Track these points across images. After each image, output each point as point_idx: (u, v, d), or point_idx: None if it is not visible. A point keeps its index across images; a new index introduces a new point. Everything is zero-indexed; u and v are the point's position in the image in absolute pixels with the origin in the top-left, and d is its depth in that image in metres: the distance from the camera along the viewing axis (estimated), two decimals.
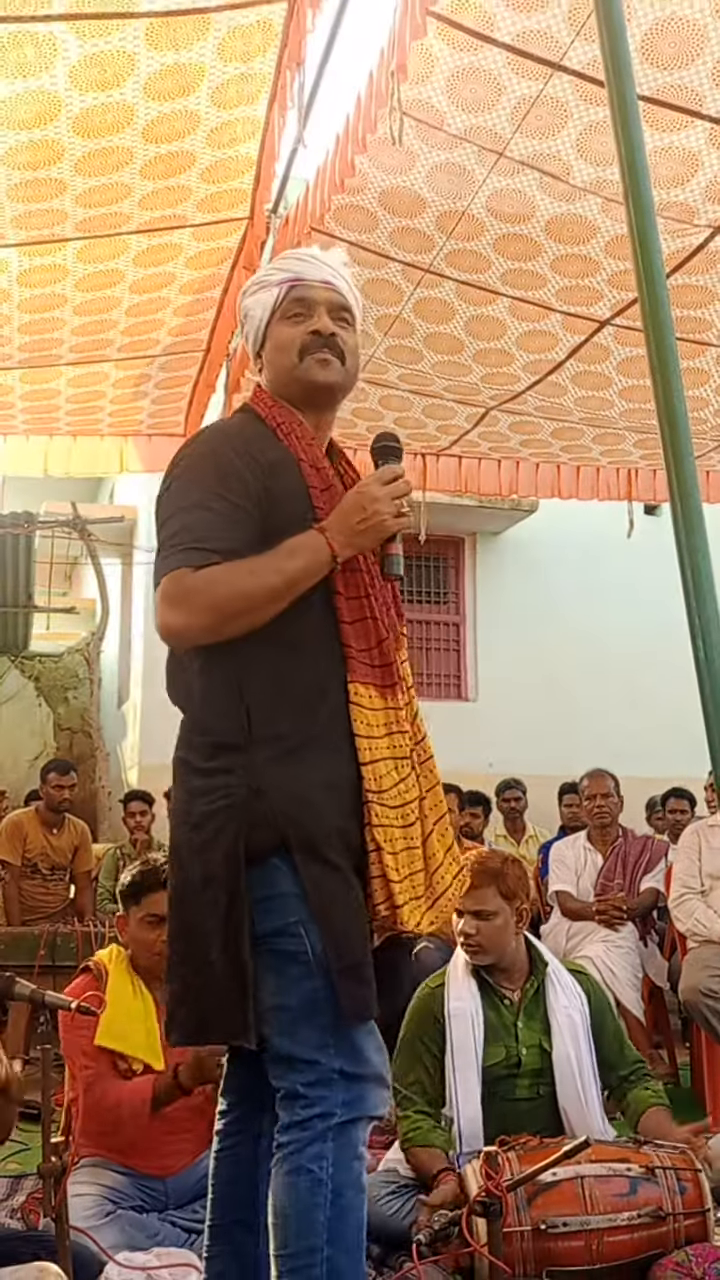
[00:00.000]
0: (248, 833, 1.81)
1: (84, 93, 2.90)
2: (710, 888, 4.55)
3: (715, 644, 1.74)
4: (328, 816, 1.83)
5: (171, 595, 1.82)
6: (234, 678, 1.88)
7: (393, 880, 1.83)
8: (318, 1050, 1.79)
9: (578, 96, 2.94)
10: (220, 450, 1.95)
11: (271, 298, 2.05)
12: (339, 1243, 1.75)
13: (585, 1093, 2.99)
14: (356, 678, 1.89)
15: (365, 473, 2.05)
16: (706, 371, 4.33)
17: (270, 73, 2.99)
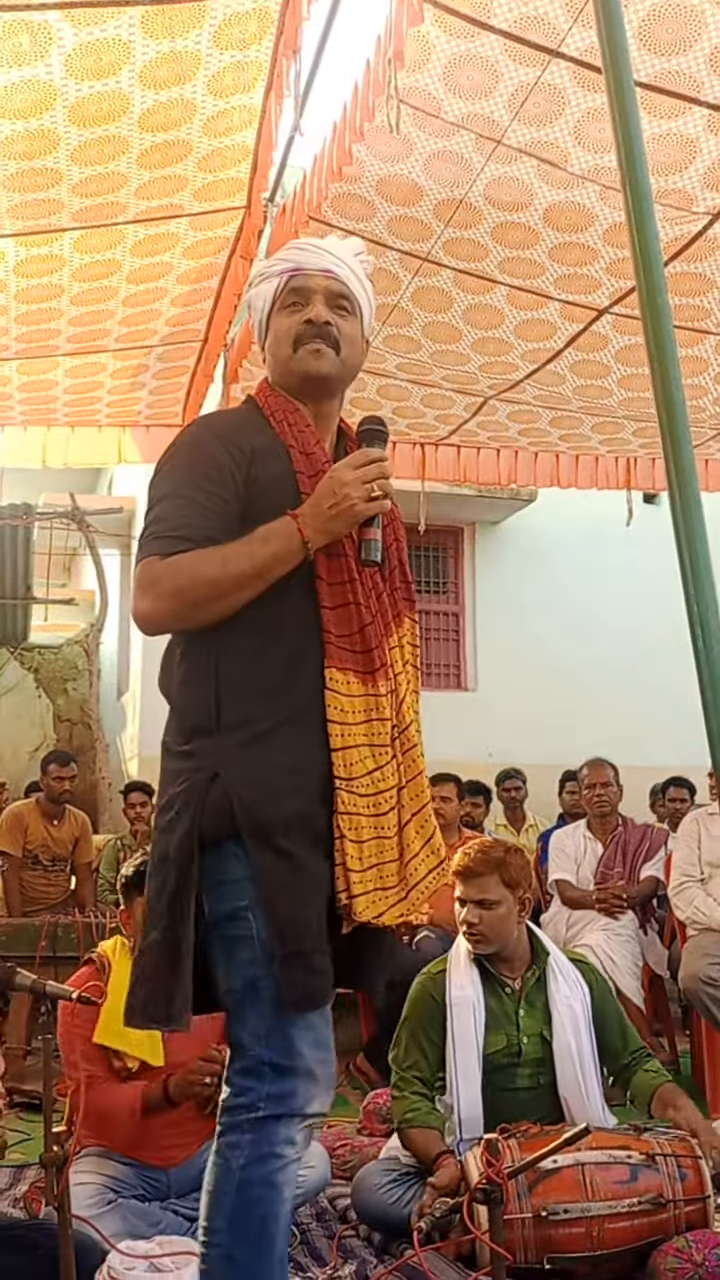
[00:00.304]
0: (203, 817, 1.81)
1: (79, 81, 2.88)
2: (710, 876, 4.56)
3: (714, 632, 1.73)
4: (286, 802, 1.81)
5: (140, 582, 1.84)
6: (209, 663, 1.88)
7: (352, 869, 1.80)
8: (253, 1039, 1.79)
9: (575, 83, 2.92)
10: (200, 439, 1.96)
11: (272, 288, 2.05)
12: (239, 1234, 1.74)
13: (585, 1083, 3.00)
14: (333, 663, 1.87)
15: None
16: (705, 359, 4.32)
17: (266, 61, 2.97)
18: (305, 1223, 3.11)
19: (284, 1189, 1.77)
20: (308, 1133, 1.83)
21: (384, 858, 1.86)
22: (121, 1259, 2.54)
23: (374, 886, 1.83)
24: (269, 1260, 1.74)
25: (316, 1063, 1.79)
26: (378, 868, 1.85)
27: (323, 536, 1.87)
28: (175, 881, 1.81)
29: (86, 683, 10.30)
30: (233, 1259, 1.75)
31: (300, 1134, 1.80)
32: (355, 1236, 3.01)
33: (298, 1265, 2.81)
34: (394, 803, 1.90)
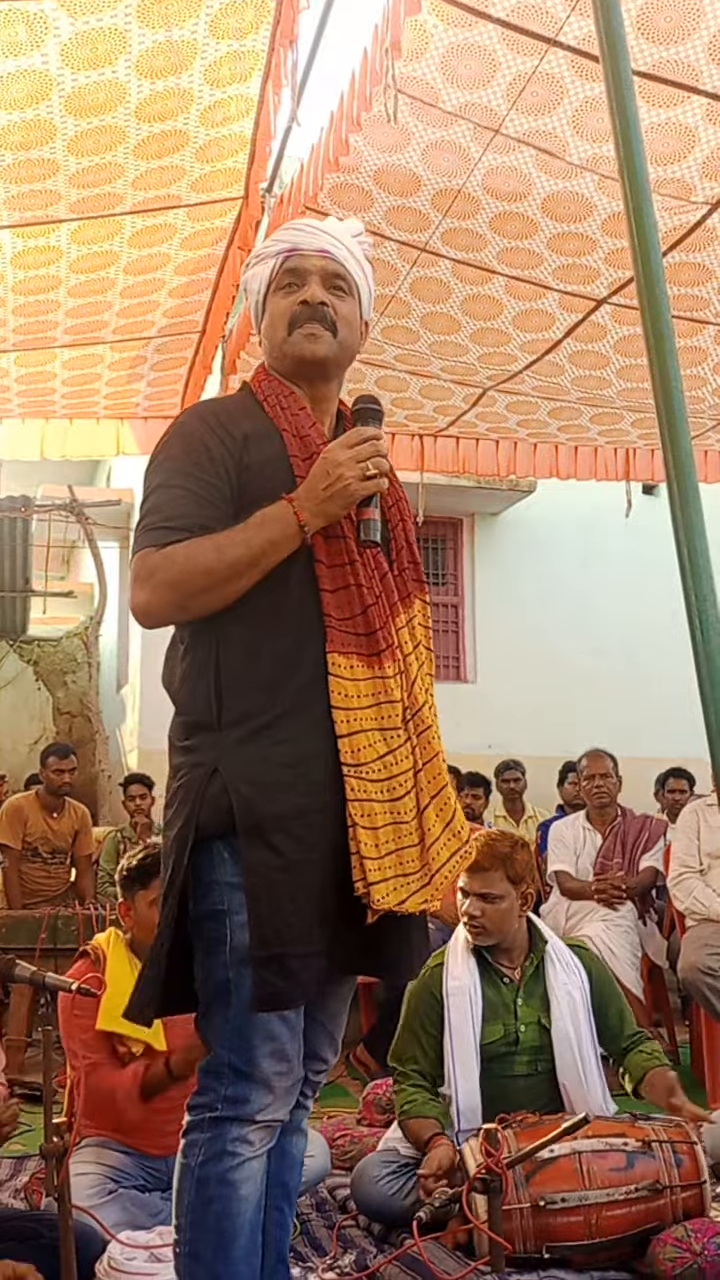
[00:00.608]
0: (201, 812, 1.80)
1: (76, 71, 2.87)
2: (709, 866, 4.56)
3: (712, 624, 1.73)
4: (285, 798, 1.79)
5: (136, 575, 1.83)
6: (209, 656, 1.86)
7: (367, 857, 1.77)
8: (217, 1039, 1.80)
9: (573, 72, 2.91)
10: (190, 427, 1.93)
11: (268, 270, 2.01)
12: (199, 1231, 1.76)
13: (585, 1070, 3.00)
14: (335, 648, 1.84)
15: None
16: (704, 350, 4.31)
17: (263, 50, 2.96)
18: (305, 1213, 3.12)
19: (241, 1187, 1.77)
20: (267, 1134, 1.82)
21: (403, 843, 1.83)
22: (122, 1249, 2.55)
23: (393, 873, 1.80)
24: (230, 1255, 1.76)
25: (274, 1074, 1.80)
26: (397, 854, 1.81)
27: (319, 519, 1.83)
28: (169, 877, 1.83)
29: (86, 675, 10.30)
30: (196, 1256, 1.77)
31: (256, 1135, 1.80)
32: (355, 1226, 3.02)
33: (298, 1255, 2.82)
34: (410, 786, 1.86)
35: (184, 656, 1.92)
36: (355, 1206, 3.04)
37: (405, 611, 1.95)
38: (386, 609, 1.90)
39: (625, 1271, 2.63)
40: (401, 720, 1.87)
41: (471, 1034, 3.00)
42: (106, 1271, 2.50)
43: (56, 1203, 2.27)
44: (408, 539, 2.02)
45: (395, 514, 2.00)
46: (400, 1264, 2.63)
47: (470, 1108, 2.94)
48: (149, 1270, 2.48)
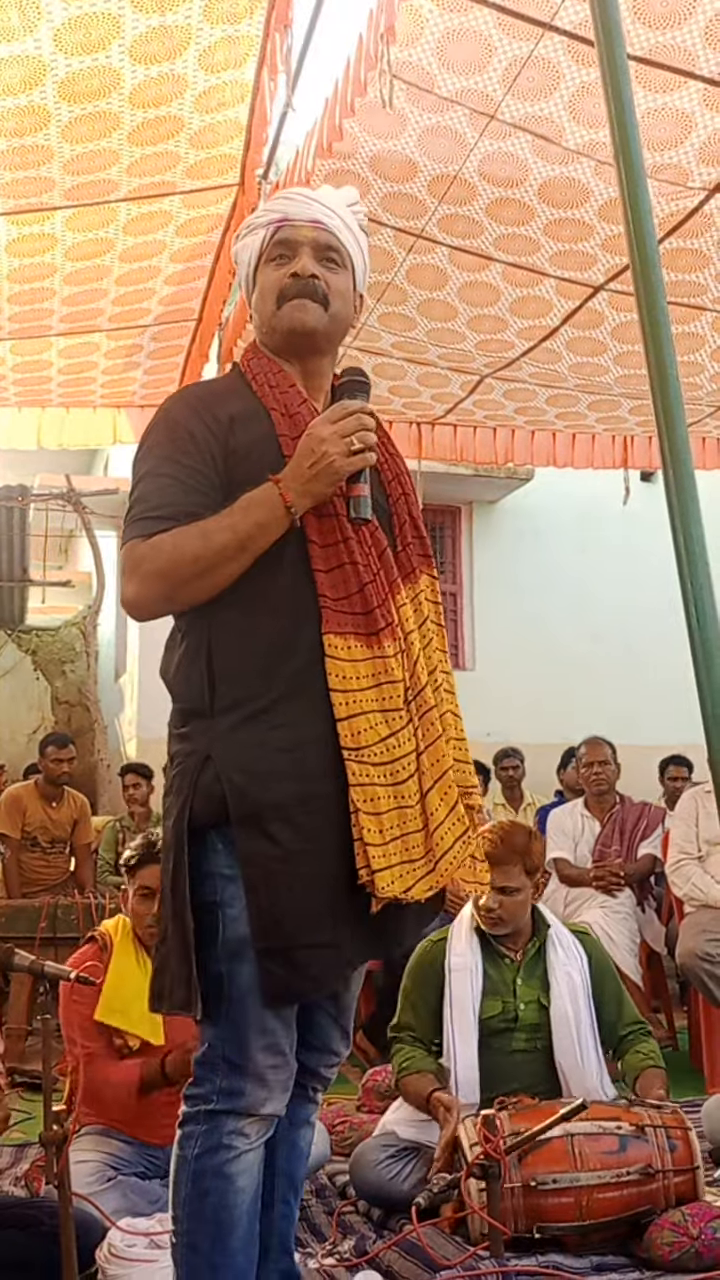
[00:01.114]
0: (194, 801, 1.78)
1: (69, 56, 2.85)
2: (707, 853, 4.57)
3: (707, 611, 1.73)
4: (280, 786, 1.75)
5: (125, 567, 1.81)
6: (201, 642, 1.84)
7: (370, 844, 1.72)
8: (212, 1032, 1.79)
9: (569, 57, 2.90)
10: (175, 413, 1.90)
11: (258, 240, 1.96)
12: (196, 1223, 1.77)
13: (583, 1051, 3.02)
14: (331, 628, 1.78)
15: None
16: (702, 336, 4.30)
17: (258, 35, 2.94)
18: (305, 1199, 3.13)
19: (237, 1179, 1.77)
20: (263, 1127, 1.81)
21: (408, 828, 1.78)
22: (122, 1236, 2.56)
23: (398, 860, 1.75)
24: (227, 1247, 1.76)
25: (268, 1068, 1.78)
26: (402, 839, 1.77)
27: (306, 499, 1.78)
28: (173, 868, 1.80)
29: (84, 664, 10.29)
30: (194, 1247, 1.77)
31: (253, 1128, 1.79)
32: (354, 1212, 3.03)
33: (298, 1241, 2.83)
34: (413, 769, 1.81)
35: (179, 644, 1.90)
36: (354, 1191, 3.06)
37: (409, 587, 1.90)
38: (385, 586, 1.85)
39: (622, 1255, 2.65)
40: (404, 701, 1.82)
41: (471, 1007, 3.03)
42: (107, 1258, 2.52)
43: (57, 1190, 2.28)
44: (411, 514, 1.97)
45: (397, 488, 1.95)
46: (399, 1249, 2.64)
47: (468, 1080, 2.96)
48: (149, 1257, 2.49)
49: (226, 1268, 1.76)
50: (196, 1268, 1.77)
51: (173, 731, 1.90)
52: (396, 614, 1.86)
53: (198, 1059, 1.82)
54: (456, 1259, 2.53)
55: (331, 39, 3.16)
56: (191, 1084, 1.82)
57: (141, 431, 5.48)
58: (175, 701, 1.90)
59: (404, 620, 1.87)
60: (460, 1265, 2.50)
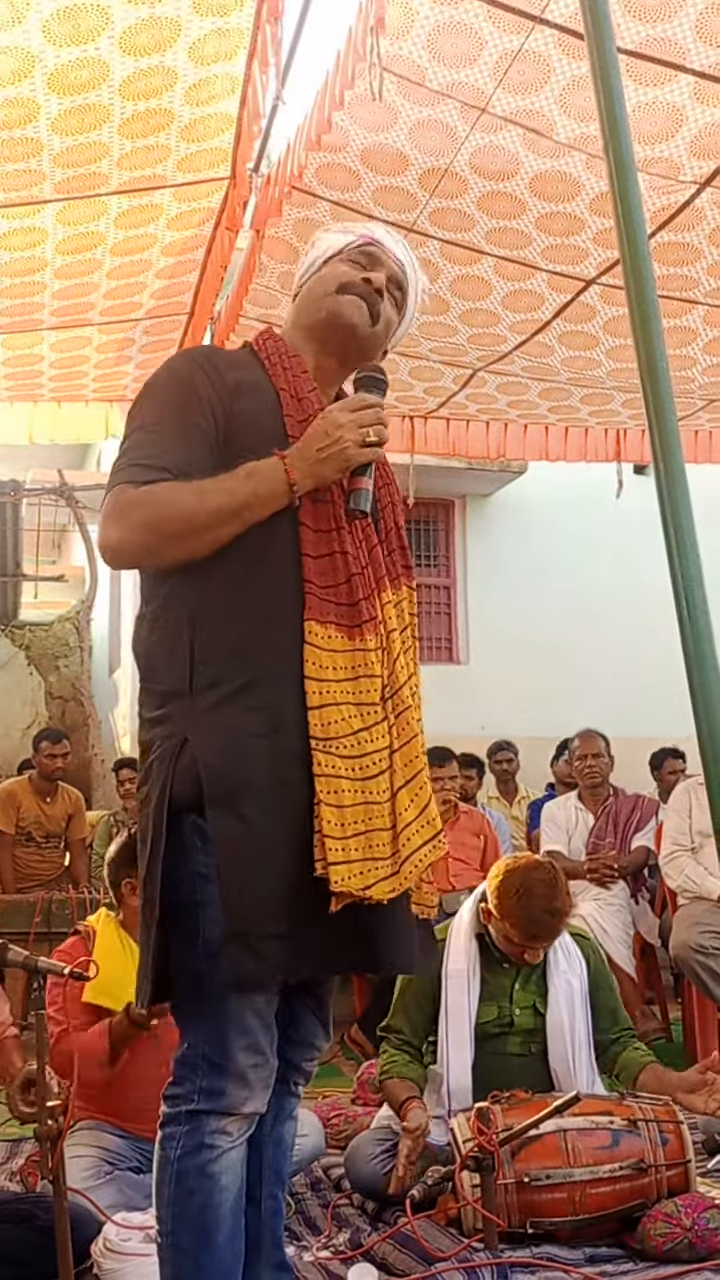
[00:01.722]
0: (173, 786, 1.74)
1: (59, 48, 2.84)
2: (700, 845, 4.58)
3: (698, 604, 1.73)
4: (256, 767, 1.72)
5: (110, 511, 1.73)
6: (183, 619, 1.79)
7: (330, 835, 1.69)
8: (191, 1031, 1.77)
9: (560, 50, 2.89)
10: (180, 368, 1.86)
11: (342, 241, 1.98)
12: (182, 1221, 1.76)
13: (577, 1058, 3.03)
14: (313, 615, 1.76)
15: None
16: (694, 329, 4.30)
17: (248, 28, 2.93)
18: (300, 1192, 3.14)
19: (221, 1178, 1.76)
20: (245, 1124, 1.80)
21: (373, 825, 1.74)
22: (117, 1230, 2.56)
23: (359, 856, 1.71)
24: (213, 1244, 1.75)
25: (249, 1067, 1.76)
26: (365, 835, 1.72)
27: (310, 481, 1.77)
28: (150, 853, 1.76)
29: (78, 660, 10.28)
30: (179, 1247, 1.76)
31: (234, 1126, 1.77)
32: (349, 1205, 3.04)
33: (293, 1234, 2.84)
34: (384, 766, 1.77)
35: (155, 621, 1.84)
36: (349, 1184, 3.07)
37: (394, 590, 1.89)
38: (372, 581, 1.84)
39: (616, 1247, 2.66)
40: (380, 697, 1.80)
41: (467, 1014, 3.02)
42: (102, 1253, 2.52)
43: (52, 1185, 2.28)
44: (396, 523, 1.96)
45: (385, 496, 1.95)
46: (394, 1242, 2.65)
47: (461, 1087, 2.96)
48: (144, 1251, 2.49)
49: (213, 1266, 1.75)
50: (182, 1267, 1.76)
51: (147, 716, 1.83)
52: (381, 610, 1.84)
53: (178, 1058, 1.80)
54: (451, 1251, 2.54)
55: (322, 32, 3.15)
56: (171, 1084, 1.80)
57: None
58: (152, 682, 1.83)
59: (388, 618, 1.85)
60: (455, 1257, 2.50)
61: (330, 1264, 2.64)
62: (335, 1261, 2.65)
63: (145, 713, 1.84)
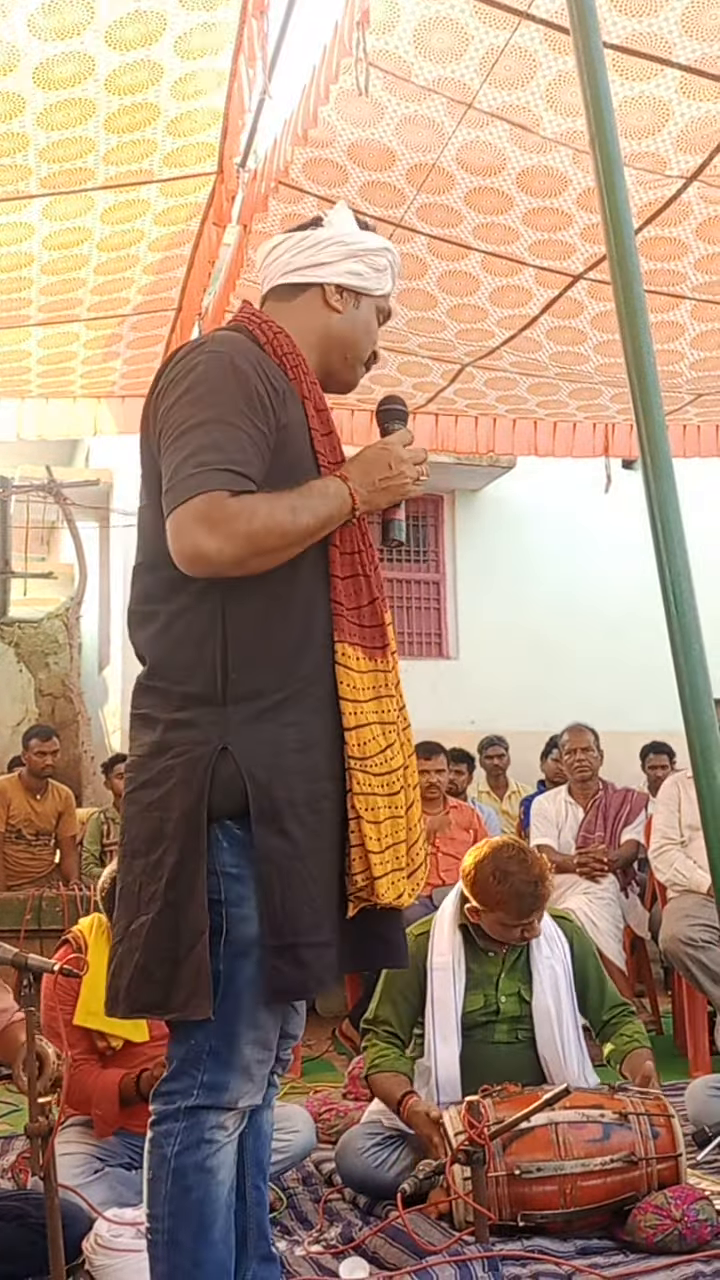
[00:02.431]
0: (211, 795, 1.73)
1: (44, 42, 2.84)
2: (690, 838, 4.60)
3: (685, 597, 1.74)
4: (296, 783, 1.75)
5: (209, 518, 1.67)
6: (215, 627, 1.77)
7: (372, 851, 1.75)
8: (200, 1028, 1.75)
9: (546, 45, 2.89)
10: (241, 366, 1.80)
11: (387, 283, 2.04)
12: (180, 1218, 1.76)
13: (564, 1044, 3.03)
14: (344, 637, 1.81)
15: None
16: (681, 324, 4.31)
17: (234, 22, 2.93)
18: (291, 1187, 3.15)
19: (219, 1172, 1.77)
20: (240, 1119, 1.81)
21: (398, 838, 1.83)
22: (109, 1226, 2.56)
23: (393, 868, 1.80)
24: (209, 1240, 1.76)
25: (255, 1062, 1.78)
26: (394, 848, 1.81)
27: (366, 507, 1.85)
28: (177, 860, 1.72)
29: (67, 657, 10.25)
30: (175, 1243, 1.76)
31: (232, 1121, 1.79)
32: (340, 1200, 3.05)
33: (284, 1229, 2.85)
34: (402, 782, 1.86)
35: (174, 620, 1.81)
36: (340, 1179, 3.07)
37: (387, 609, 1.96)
38: (384, 603, 1.92)
39: (606, 1239, 2.67)
40: (396, 716, 1.88)
41: (453, 1006, 3.03)
42: (94, 1249, 2.52)
43: (43, 1182, 2.28)
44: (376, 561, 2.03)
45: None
46: (385, 1236, 2.65)
47: (450, 1077, 2.97)
48: (136, 1247, 2.50)
49: (210, 1261, 1.76)
50: (179, 1264, 1.76)
51: (159, 717, 1.79)
52: (390, 632, 1.93)
53: (178, 1055, 1.79)
54: (442, 1244, 2.54)
55: (308, 26, 3.14)
56: (166, 1080, 1.79)
57: (122, 422, 5.46)
58: (170, 682, 1.80)
59: (391, 640, 1.93)
60: (446, 1250, 2.51)
61: (322, 1258, 2.64)
62: (327, 1256, 2.66)
63: (158, 712, 1.81)
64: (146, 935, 1.74)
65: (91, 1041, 2.95)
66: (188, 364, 1.81)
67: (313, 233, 2.00)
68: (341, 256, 1.97)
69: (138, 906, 1.77)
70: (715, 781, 1.70)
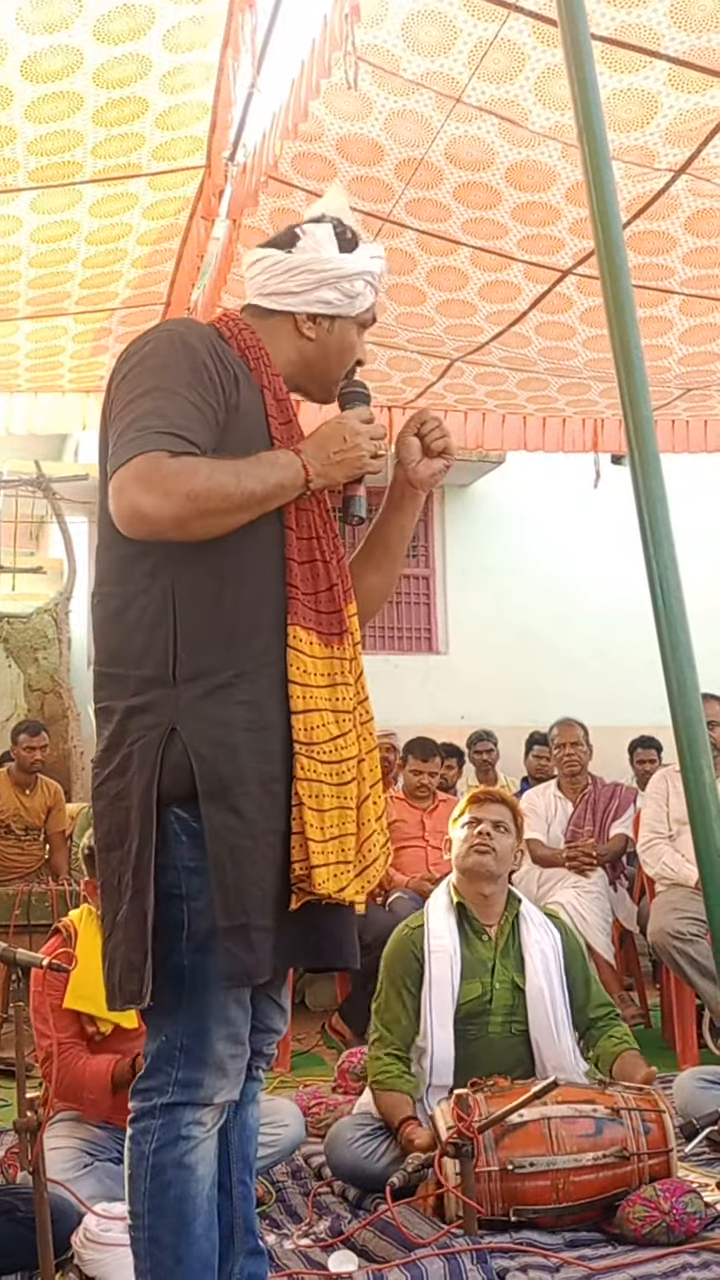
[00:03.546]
0: (161, 777, 1.72)
1: (32, 35, 2.82)
2: (678, 832, 4.62)
3: (673, 591, 1.74)
4: (249, 761, 1.73)
5: (147, 477, 1.67)
6: (166, 609, 1.77)
7: (312, 839, 1.73)
8: (170, 1021, 1.76)
9: (535, 38, 2.89)
10: (189, 339, 1.82)
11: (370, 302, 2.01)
12: (160, 1215, 1.75)
13: (558, 1027, 3.05)
14: (297, 620, 1.79)
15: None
16: (669, 319, 4.31)
17: (223, 15, 2.92)
18: (281, 1181, 3.15)
19: (198, 1168, 1.76)
20: (218, 1114, 1.81)
21: (345, 830, 1.79)
22: (98, 1221, 2.57)
23: (335, 859, 1.76)
24: (191, 1235, 1.75)
25: (228, 1057, 1.77)
26: (339, 840, 1.77)
27: (322, 480, 1.82)
28: (138, 848, 1.73)
29: (57, 652, 10.22)
30: (156, 1240, 1.76)
31: (209, 1117, 1.78)
32: (330, 1193, 3.06)
33: (273, 1223, 2.85)
34: (355, 774, 1.82)
35: (128, 606, 1.81)
36: (330, 1170, 3.08)
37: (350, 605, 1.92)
38: (343, 593, 1.88)
39: (595, 1232, 2.68)
40: (351, 706, 1.85)
41: (451, 990, 3.05)
42: (83, 1243, 2.52)
43: (32, 1176, 2.28)
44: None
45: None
46: (374, 1229, 2.66)
47: (443, 1061, 2.98)
48: (125, 1241, 2.47)
49: (192, 1257, 1.76)
50: (161, 1261, 1.76)
51: (117, 706, 1.78)
52: (350, 621, 1.89)
53: (152, 1050, 1.79)
54: (430, 1237, 2.55)
55: (297, 19, 3.13)
56: (142, 1078, 1.79)
57: None
58: (126, 667, 1.79)
59: (354, 629, 1.90)
60: (434, 1243, 2.52)
61: (311, 1251, 2.65)
62: (316, 1249, 2.66)
63: (116, 701, 1.80)
64: (125, 926, 1.75)
65: (80, 1026, 2.96)
66: (140, 343, 1.83)
67: (285, 258, 1.96)
68: (313, 285, 1.94)
69: (118, 899, 1.77)
70: (703, 775, 1.71)
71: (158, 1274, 1.76)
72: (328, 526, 1.89)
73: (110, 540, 1.82)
